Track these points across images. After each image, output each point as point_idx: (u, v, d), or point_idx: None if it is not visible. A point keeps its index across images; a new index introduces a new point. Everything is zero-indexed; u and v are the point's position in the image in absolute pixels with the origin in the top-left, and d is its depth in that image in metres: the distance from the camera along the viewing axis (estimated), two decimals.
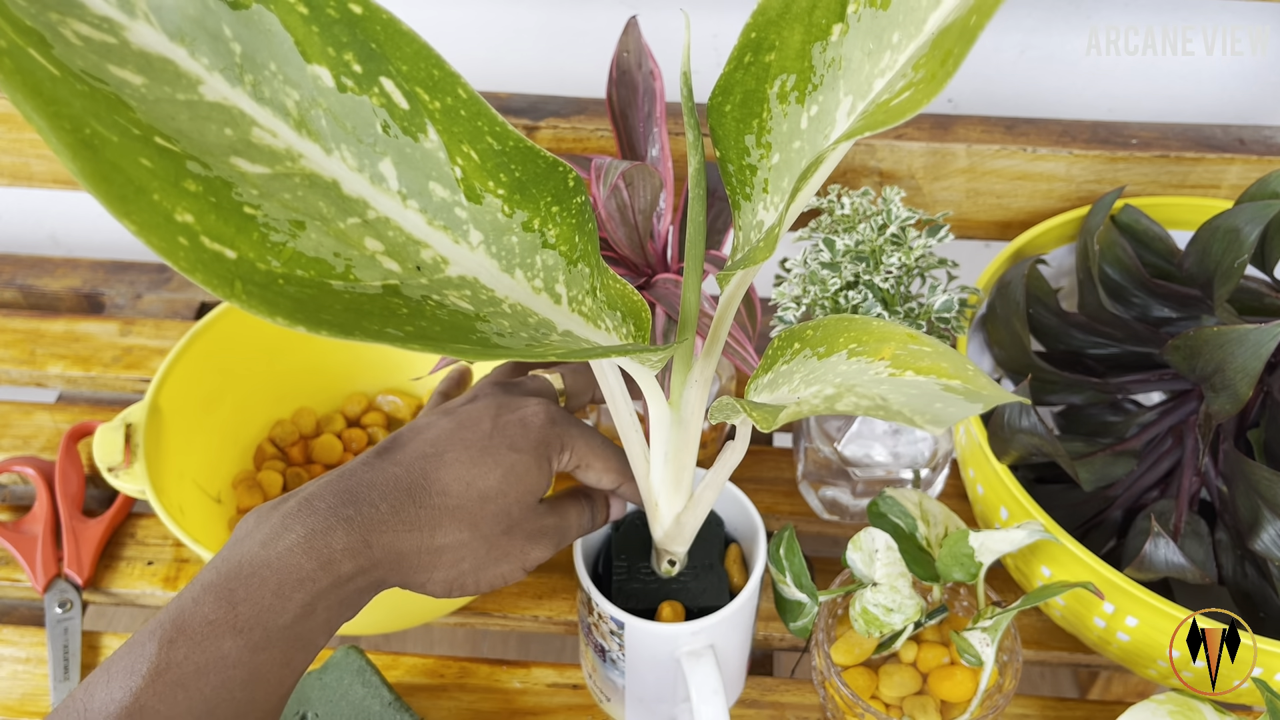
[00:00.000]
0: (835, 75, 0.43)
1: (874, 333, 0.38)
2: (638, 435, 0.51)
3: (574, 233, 0.45)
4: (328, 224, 0.38)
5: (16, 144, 0.85)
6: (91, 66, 0.33)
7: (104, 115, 0.32)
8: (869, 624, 0.57)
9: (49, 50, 0.32)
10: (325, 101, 0.39)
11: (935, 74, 0.32)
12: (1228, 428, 0.63)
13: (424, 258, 0.41)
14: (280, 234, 0.36)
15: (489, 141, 0.43)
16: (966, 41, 0.31)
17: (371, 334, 0.36)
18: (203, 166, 0.35)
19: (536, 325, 0.43)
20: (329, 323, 0.35)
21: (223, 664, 0.40)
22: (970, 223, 0.83)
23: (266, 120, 0.38)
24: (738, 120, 0.45)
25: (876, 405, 0.33)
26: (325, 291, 0.36)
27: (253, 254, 0.35)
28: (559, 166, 0.44)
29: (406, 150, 0.41)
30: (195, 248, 0.33)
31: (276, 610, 0.41)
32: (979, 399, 0.32)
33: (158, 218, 0.32)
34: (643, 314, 0.47)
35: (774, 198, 0.45)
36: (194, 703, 0.39)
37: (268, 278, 0.35)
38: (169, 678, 0.39)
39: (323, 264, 0.37)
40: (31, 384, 0.88)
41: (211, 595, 0.41)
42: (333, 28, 0.39)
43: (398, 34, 0.40)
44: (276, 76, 0.38)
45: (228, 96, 0.37)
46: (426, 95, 0.41)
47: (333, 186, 0.39)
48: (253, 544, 0.43)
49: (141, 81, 0.34)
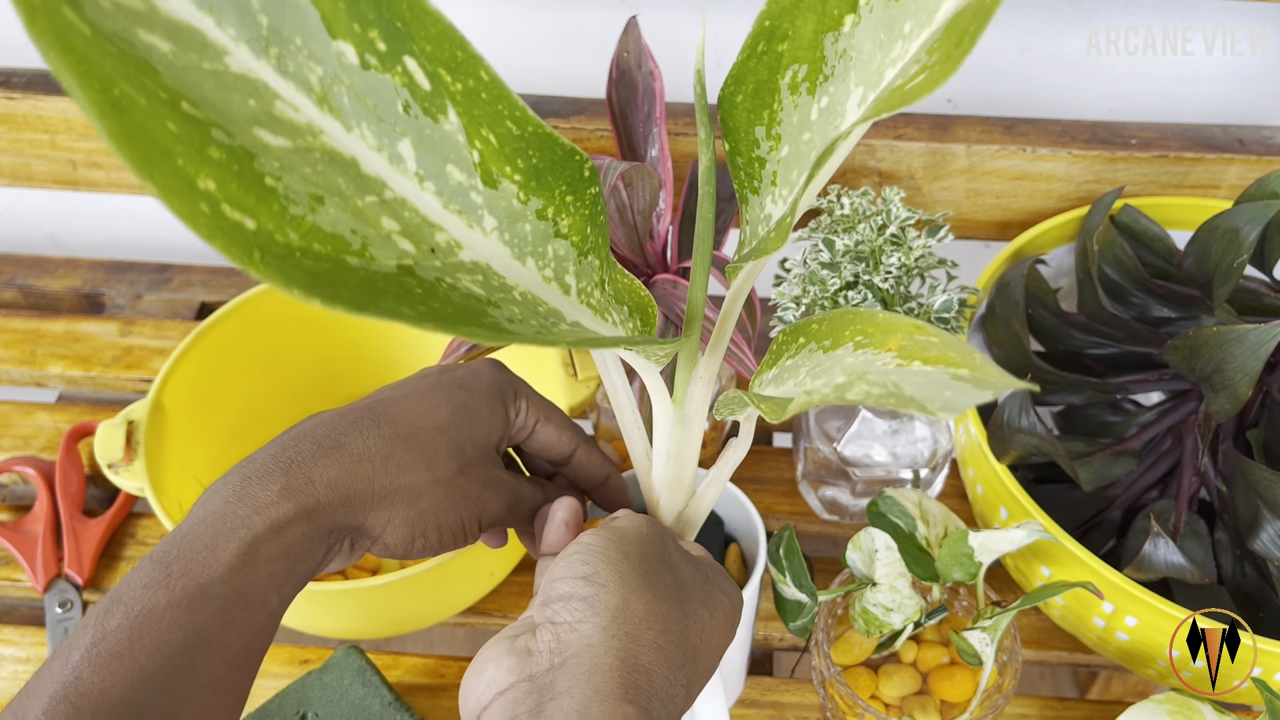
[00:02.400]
0: (847, 66, 0.43)
1: (880, 324, 0.38)
2: (640, 433, 0.51)
3: (586, 224, 0.45)
4: (346, 201, 0.38)
5: (16, 144, 0.85)
6: (121, 29, 0.33)
7: (133, 77, 0.32)
8: (869, 624, 0.57)
9: (81, 10, 0.32)
10: (348, 78, 0.39)
11: (950, 55, 0.33)
12: (1227, 428, 0.63)
13: (438, 240, 0.41)
14: (299, 207, 0.36)
15: (508, 126, 0.43)
16: (982, 19, 0.31)
17: (386, 311, 0.35)
18: (226, 135, 0.35)
19: (546, 314, 0.43)
20: (344, 298, 0.34)
21: (156, 628, 0.38)
22: (970, 223, 0.83)
23: (290, 94, 0.38)
24: (749, 111, 0.45)
25: (889, 393, 0.33)
26: (341, 267, 0.36)
27: (272, 225, 0.35)
28: (575, 155, 0.44)
29: (426, 131, 0.41)
30: (216, 215, 0.33)
31: (209, 563, 0.39)
32: (988, 385, 0.32)
33: (181, 182, 0.32)
34: (649, 309, 0.47)
35: (782, 190, 0.45)
36: (129, 671, 0.37)
37: (286, 249, 0.34)
38: (103, 648, 0.37)
39: (340, 240, 0.37)
40: (31, 384, 0.88)
41: (148, 562, 0.39)
42: (359, 4, 0.39)
43: (423, 13, 0.40)
44: (301, 51, 0.38)
45: (252, 68, 0.37)
46: (449, 76, 0.41)
47: (351, 164, 0.39)
48: (195, 507, 0.41)
49: (169, 49, 0.34)
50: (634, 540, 0.44)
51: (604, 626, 0.39)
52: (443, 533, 0.46)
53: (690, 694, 0.42)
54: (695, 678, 0.42)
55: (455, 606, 0.68)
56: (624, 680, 0.38)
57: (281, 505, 0.41)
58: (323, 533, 0.42)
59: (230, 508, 0.40)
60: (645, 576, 0.42)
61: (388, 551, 0.45)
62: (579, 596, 0.40)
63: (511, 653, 0.40)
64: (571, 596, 0.40)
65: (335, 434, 0.44)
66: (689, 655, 0.41)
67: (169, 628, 0.38)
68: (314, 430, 0.44)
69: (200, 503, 0.42)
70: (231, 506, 0.40)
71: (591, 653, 0.38)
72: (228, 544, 0.39)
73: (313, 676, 0.64)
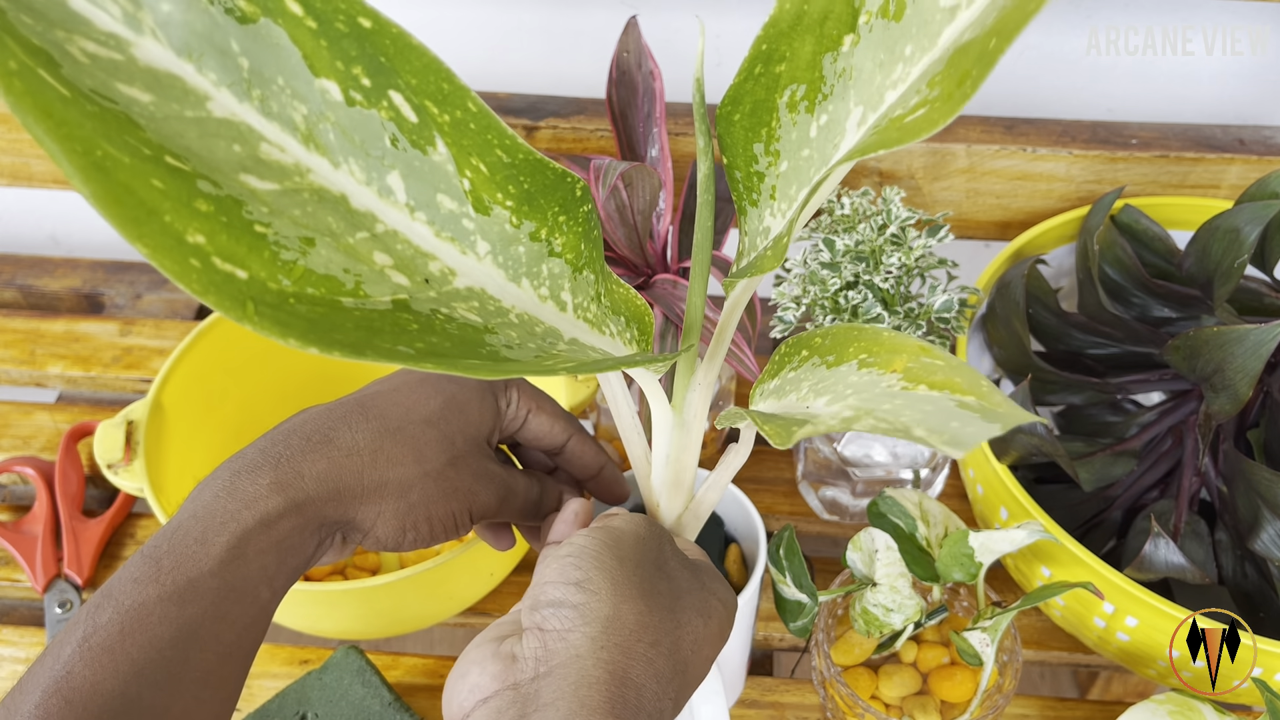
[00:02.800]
0: (846, 85, 0.43)
1: (885, 344, 0.38)
2: (639, 436, 0.51)
3: (580, 240, 0.45)
4: (337, 239, 0.38)
5: (16, 144, 0.85)
6: (100, 85, 0.33)
7: (114, 136, 0.32)
8: (869, 624, 0.57)
9: (58, 70, 0.32)
10: (333, 115, 0.39)
11: (952, 94, 0.32)
12: (1228, 428, 0.63)
13: (432, 270, 0.41)
14: (291, 252, 0.36)
15: (498, 154, 0.43)
16: (986, 64, 0.31)
17: (384, 353, 0.35)
18: (213, 185, 0.35)
19: (543, 334, 0.43)
20: (341, 342, 0.34)
21: (147, 621, 0.38)
22: (970, 223, 0.83)
23: (275, 135, 0.38)
24: (746, 129, 0.45)
25: (896, 429, 0.32)
26: (336, 309, 0.36)
27: (264, 273, 0.35)
28: (567, 177, 0.44)
29: (415, 163, 0.41)
30: (207, 269, 0.33)
31: (199, 557, 0.39)
32: (996, 418, 0.31)
33: (170, 240, 0.32)
34: (646, 318, 0.47)
35: (781, 204, 0.45)
36: (120, 665, 0.37)
37: (279, 297, 0.34)
38: (94, 642, 0.37)
39: (333, 281, 0.37)
40: (31, 384, 0.88)
41: (138, 557, 0.39)
42: (341, 41, 0.39)
43: (407, 48, 0.40)
44: (284, 91, 0.38)
45: (236, 112, 0.37)
46: (436, 109, 0.41)
47: (341, 201, 0.39)
48: (185, 503, 0.41)
49: (150, 99, 0.34)
50: (630, 544, 0.43)
51: (593, 637, 0.39)
52: (433, 525, 0.46)
53: (678, 705, 0.41)
54: (684, 689, 0.41)
55: (455, 606, 0.68)
56: (611, 695, 0.37)
57: (271, 499, 0.41)
58: (313, 526, 0.42)
59: (220, 502, 0.40)
60: (639, 584, 0.41)
61: (379, 544, 0.45)
62: (569, 604, 0.40)
63: (496, 658, 0.39)
64: (562, 603, 0.40)
65: (324, 429, 0.44)
66: (679, 667, 0.41)
67: (160, 621, 0.38)
68: (303, 425, 0.44)
69: (190, 498, 0.42)
70: (221, 501, 0.40)
71: (579, 664, 0.38)
72: (217, 538, 0.40)
73: (312, 677, 0.64)
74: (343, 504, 0.43)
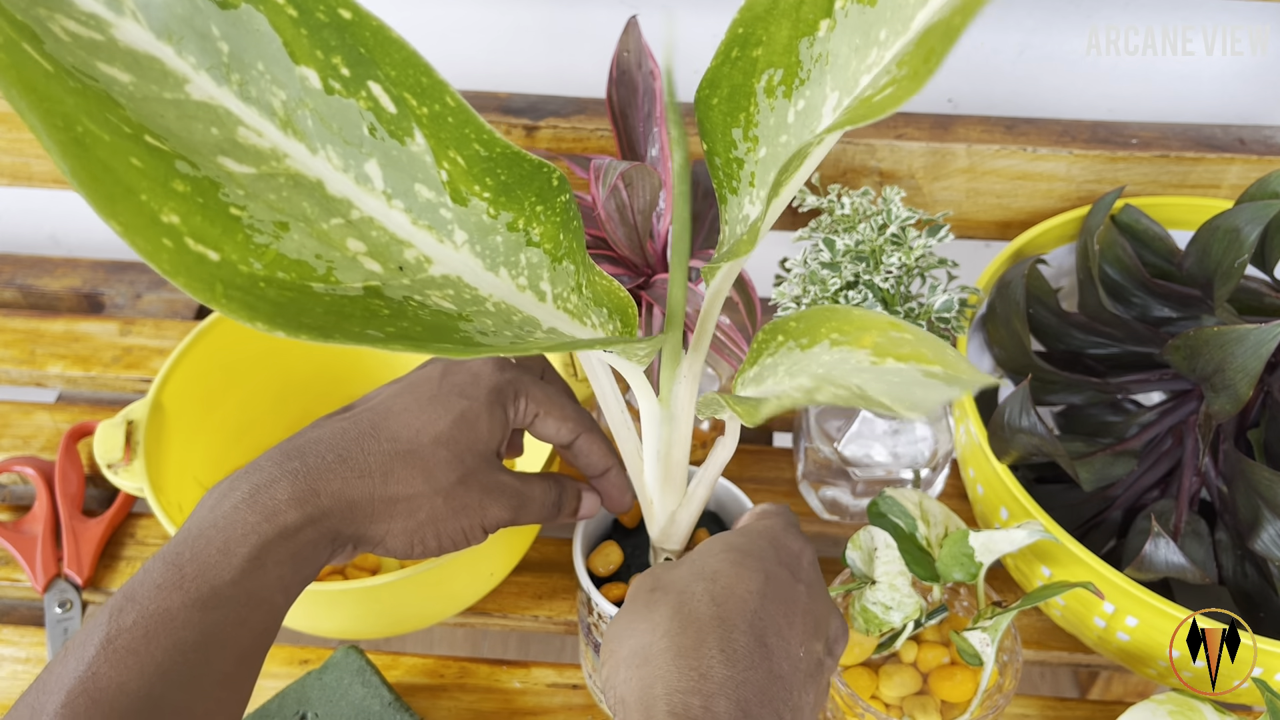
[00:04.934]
0: (822, 70, 0.43)
1: (855, 322, 0.38)
2: (630, 432, 0.51)
3: (558, 230, 0.45)
4: (311, 225, 0.38)
5: (16, 144, 0.85)
6: (81, 63, 0.33)
7: (95, 113, 0.32)
8: (869, 623, 0.57)
9: (40, 45, 0.32)
10: (312, 102, 0.39)
11: (918, 71, 0.33)
12: (1228, 428, 0.63)
13: (407, 257, 0.41)
14: (264, 235, 0.36)
15: (476, 148, 0.43)
16: (948, 40, 0.31)
17: (352, 336, 0.36)
18: (191, 166, 0.35)
19: (520, 323, 0.43)
20: (309, 326, 0.35)
21: (171, 625, 0.39)
22: (970, 223, 0.83)
23: (253, 120, 0.38)
24: (724, 114, 0.45)
25: (854, 395, 0.33)
26: (306, 294, 0.36)
27: (235, 256, 0.35)
28: (543, 168, 0.44)
29: (393, 153, 0.41)
30: (179, 249, 0.33)
31: (222, 566, 0.41)
32: (958, 383, 0.32)
33: (143, 219, 0.32)
34: (629, 310, 0.47)
35: (760, 191, 0.46)
36: (145, 666, 0.39)
37: (249, 280, 0.35)
38: (119, 644, 0.39)
39: (304, 266, 0.37)
40: (31, 384, 0.88)
41: (160, 563, 0.41)
42: (321, 31, 0.39)
43: (386, 40, 0.41)
44: (264, 76, 0.38)
45: (214, 95, 0.37)
46: (414, 101, 0.42)
47: (317, 186, 0.39)
48: (202, 510, 0.43)
49: (129, 79, 0.34)
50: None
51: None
52: (442, 540, 0.48)
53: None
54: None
55: (455, 606, 0.68)
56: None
57: (290, 513, 0.43)
58: (327, 538, 0.44)
59: (241, 514, 0.42)
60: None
61: (390, 554, 0.47)
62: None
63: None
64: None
65: (338, 448, 0.45)
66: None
67: (184, 625, 0.40)
68: (318, 442, 0.46)
69: (208, 507, 0.43)
70: (242, 513, 0.42)
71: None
72: (239, 548, 0.41)
73: (312, 676, 0.64)
74: (355, 521, 0.45)
